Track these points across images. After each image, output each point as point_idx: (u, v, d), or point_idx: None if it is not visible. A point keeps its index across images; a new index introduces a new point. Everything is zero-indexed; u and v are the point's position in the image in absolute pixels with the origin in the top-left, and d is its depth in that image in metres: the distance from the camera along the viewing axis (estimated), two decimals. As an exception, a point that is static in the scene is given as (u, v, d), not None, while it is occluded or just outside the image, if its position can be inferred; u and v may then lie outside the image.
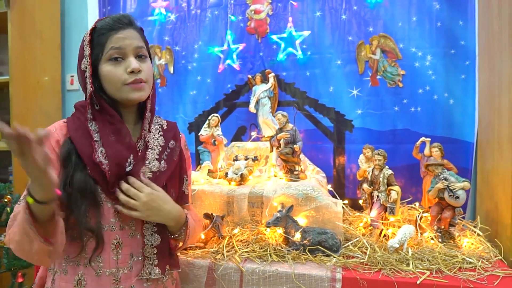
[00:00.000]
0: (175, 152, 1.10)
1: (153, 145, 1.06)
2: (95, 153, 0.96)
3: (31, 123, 2.19)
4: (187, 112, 2.26)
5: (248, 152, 1.89)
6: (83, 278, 0.96)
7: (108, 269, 0.97)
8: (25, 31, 2.18)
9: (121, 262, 0.99)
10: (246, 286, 1.22)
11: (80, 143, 0.97)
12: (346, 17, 1.95)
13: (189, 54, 2.23)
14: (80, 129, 1.00)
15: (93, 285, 0.96)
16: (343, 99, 1.97)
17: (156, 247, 1.02)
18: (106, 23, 1.00)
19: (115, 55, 0.99)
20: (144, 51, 1.04)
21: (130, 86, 0.99)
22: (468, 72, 1.80)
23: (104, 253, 0.97)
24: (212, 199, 1.54)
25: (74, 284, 0.96)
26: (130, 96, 1.00)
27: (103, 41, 0.99)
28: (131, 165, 0.99)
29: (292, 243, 1.34)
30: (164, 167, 1.05)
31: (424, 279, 1.13)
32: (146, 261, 1.01)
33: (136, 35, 1.02)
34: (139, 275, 1.00)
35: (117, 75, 0.99)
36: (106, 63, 0.99)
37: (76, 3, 2.44)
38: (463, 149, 1.81)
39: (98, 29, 1.00)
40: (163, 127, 1.13)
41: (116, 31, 0.99)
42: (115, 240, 0.98)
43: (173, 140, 1.11)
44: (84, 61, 1.01)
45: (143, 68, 1.01)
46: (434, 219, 1.40)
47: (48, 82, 2.31)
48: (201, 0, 2.19)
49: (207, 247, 1.37)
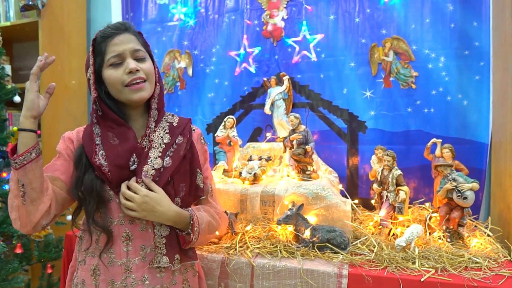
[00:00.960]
0: (181, 148, 1.14)
1: (157, 144, 1.11)
2: (95, 156, 1.05)
3: (59, 124, 2.34)
4: (205, 114, 2.34)
5: (262, 152, 1.95)
6: (98, 268, 1.06)
7: (119, 259, 1.06)
8: (54, 38, 2.32)
9: (131, 253, 1.06)
10: (256, 280, 1.29)
11: (87, 147, 1.07)
12: (359, 20, 1.98)
13: (207, 58, 2.31)
14: (88, 134, 1.10)
15: (106, 274, 1.06)
16: (357, 100, 2.00)
17: (165, 237, 1.09)
18: (103, 31, 1.08)
19: (115, 61, 1.06)
20: (142, 53, 1.10)
21: (129, 88, 1.07)
22: (483, 73, 1.80)
23: (115, 246, 1.06)
24: (227, 197, 1.61)
25: (91, 273, 1.06)
26: (131, 98, 1.08)
27: (102, 48, 1.07)
28: (135, 163, 1.07)
29: (302, 240, 1.39)
30: (169, 163, 1.09)
31: (429, 277, 1.16)
32: (156, 250, 1.08)
33: (132, 39, 1.09)
34: (149, 264, 1.07)
35: (117, 77, 1.06)
36: (107, 68, 1.07)
37: (101, 11, 2.58)
38: (477, 150, 1.81)
39: (98, 38, 1.09)
40: (173, 124, 1.17)
41: (112, 37, 1.07)
42: (125, 233, 1.07)
43: (181, 136, 1.15)
44: (89, 70, 1.09)
45: (142, 68, 1.08)
46: (443, 219, 1.42)
47: (75, 86, 2.45)
48: (219, 6, 2.27)
49: (221, 242, 1.44)
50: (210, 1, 2.29)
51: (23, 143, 0.96)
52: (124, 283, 1.05)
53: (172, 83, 2.39)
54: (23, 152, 0.95)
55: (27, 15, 2.31)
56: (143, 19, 2.45)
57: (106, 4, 2.54)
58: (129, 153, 1.07)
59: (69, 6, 2.42)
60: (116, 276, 1.06)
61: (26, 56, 2.66)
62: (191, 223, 1.10)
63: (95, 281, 1.06)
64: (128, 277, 1.06)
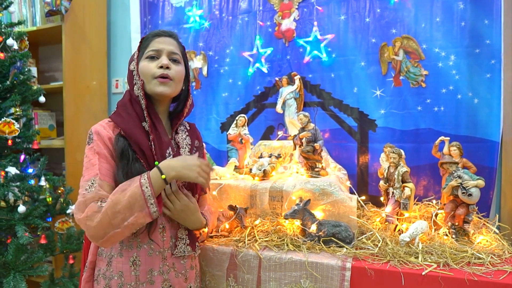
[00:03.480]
0: (200, 151, 1.28)
1: (183, 145, 1.23)
2: (151, 143, 1.14)
3: (81, 123, 2.45)
4: (219, 113, 2.41)
5: (274, 150, 2.01)
6: (138, 258, 1.14)
7: (158, 249, 1.16)
8: (76, 41, 2.44)
9: (166, 243, 1.17)
10: (263, 272, 1.34)
11: (137, 136, 1.13)
12: (369, 19, 2.00)
13: (221, 59, 2.37)
14: (134, 124, 1.15)
15: (146, 264, 1.15)
16: (367, 99, 2.03)
17: (187, 229, 1.22)
18: (153, 31, 1.22)
19: (152, 54, 1.18)
20: (178, 57, 1.21)
21: (157, 79, 1.17)
22: (494, 71, 1.79)
23: (155, 236, 1.15)
24: (237, 193, 1.67)
25: (130, 265, 1.14)
26: (156, 89, 1.17)
27: (146, 44, 1.20)
28: (171, 156, 1.18)
29: (308, 234, 1.43)
30: None
31: (430, 271, 1.19)
32: (179, 241, 1.20)
33: (173, 43, 1.22)
34: (174, 253, 1.18)
35: (150, 68, 1.17)
36: (144, 60, 1.19)
37: (120, 14, 2.68)
38: (488, 148, 1.80)
39: (146, 36, 1.23)
40: (187, 127, 1.31)
41: (158, 36, 1.20)
42: (161, 225, 1.17)
43: (197, 140, 1.29)
44: (133, 63, 1.21)
45: (173, 68, 1.19)
46: (448, 215, 1.44)
47: (96, 86, 2.57)
48: (232, 8, 2.33)
49: (231, 235, 1.50)
50: (224, 3, 2.35)
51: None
52: (161, 270, 1.16)
53: (188, 83, 2.46)
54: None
55: (52, 20, 2.44)
56: (160, 21, 2.53)
57: (125, 8, 2.64)
58: (167, 147, 1.18)
59: (90, 11, 2.54)
60: (155, 265, 1.15)
61: (51, 58, 2.79)
62: (205, 228, 1.28)
63: (135, 272, 1.14)
64: (164, 265, 1.16)
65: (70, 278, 2.05)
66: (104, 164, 1.11)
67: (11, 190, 1.75)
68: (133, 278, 1.13)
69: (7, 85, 1.85)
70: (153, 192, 1.05)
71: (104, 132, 1.14)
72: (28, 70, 1.99)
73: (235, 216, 1.53)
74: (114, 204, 1.03)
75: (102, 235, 1.04)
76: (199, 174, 1.11)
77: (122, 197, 1.03)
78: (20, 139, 1.91)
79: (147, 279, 1.14)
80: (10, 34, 1.86)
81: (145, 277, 1.14)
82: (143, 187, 1.04)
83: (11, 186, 1.77)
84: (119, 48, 2.70)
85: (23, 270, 1.68)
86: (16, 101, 1.82)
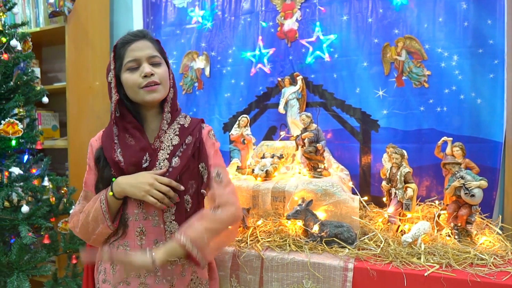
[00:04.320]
0: (190, 147, 1.20)
1: (165, 145, 1.19)
2: (114, 153, 1.16)
3: (84, 122, 2.46)
4: (222, 113, 2.41)
5: (276, 150, 2.00)
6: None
7: (134, 252, 1.13)
8: (79, 42, 2.45)
9: (144, 247, 1.14)
10: (266, 272, 1.35)
11: (105, 146, 1.19)
12: (372, 20, 2.00)
13: (224, 59, 2.38)
14: (108, 134, 1.21)
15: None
16: (369, 99, 2.03)
17: (174, 234, 1.14)
18: (123, 38, 1.18)
19: (131, 66, 1.16)
20: (158, 59, 1.19)
21: (144, 89, 1.16)
22: (497, 71, 1.79)
23: (130, 239, 1.16)
24: (239, 193, 1.67)
25: (111, 263, 1.18)
26: (145, 98, 1.17)
27: (122, 54, 1.17)
28: (147, 162, 1.16)
29: (311, 234, 1.44)
30: (177, 163, 1.17)
31: (433, 272, 1.19)
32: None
33: (149, 45, 1.18)
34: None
35: (133, 80, 1.15)
36: (125, 72, 1.17)
37: (123, 15, 2.69)
38: (491, 149, 1.80)
39: (118, 44, 1.19)
40: (184, 125, 1.24)
41: (130, 43, 1.16)
42: (139, 229, 1.16)
43: (191, 136, 1.22)
44: (110, 74, 1.19)
45: (157, 72, 1.17)
46: (451, 216, 1.44)
47: (98, 86, 2.57)
48: (235, 8, 2.34)
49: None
50: (227, 4, 2.35)
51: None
52: (137, 274, 1.15)
53: (190, 83, 2.47)
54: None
55: (55, 21, 2.44)
56: (162, 22, 2.54)
57: (128, 9, 2.65)
58: (142, 152, 1.16)
59: (93, 12, 2.55)
60: None
61: (54, 59, 2.80)
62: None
63: (113, 270, 1.18)
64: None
65: (73, 278, 2.06)
66: (91, 175, 1.23)
67: (14, 190, 1.76)
68: (111, 276, 1.18)
69: (10, 86, 1.86)
70: (107, 208, 1.13)
71: (95, 143, 1.25)
72: (32, 71, 2.00)
73: (237, 217, 1.53)
74: (86, 215, 1.17)
75: (87, 239, 1.21)
76: (147, 192, 1.10)
77: (91, 210, 1.15)
78: (24, 140, 1.91)
79: (123, 279, 1.16)
80: (13, 35, 1.87)
81: (121, 277, 1.17)
82: (101, 203, 1.14)
83: (14, 186, 1.78)
84: (122, 49, 2.70)
85: (27, 270, 1.69)
86: (19, 102, 1.82)
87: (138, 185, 1.11)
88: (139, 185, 1.11)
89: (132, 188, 1.11)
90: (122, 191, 1.12)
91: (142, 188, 1.10)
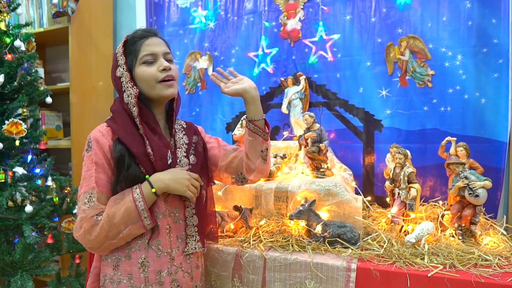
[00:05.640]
0: (199, 145, 1.28)
1: (180, 144, 1.23)
2: (146, 148, 1.14)
3: (87, 122, 2.46)
4: (225, 113, 2.41)
5: (279, 150, 2.00)
6: (146, 260, 1.14)
7: (165, 250, 1.16)
8: (83, 42, 2.45)
9: (173, 243, 1.18)
10: (268, 272, 1.34)
11: (130, 142, 1.13)
12: (375, 19, 1.99)
13: (227, 59, 2.38)
14: (126, 130, 1.15)
15: (155, 265, 1.14)
16: (373, 99, 2.02)
17: (197, 226, 1.22)
18: (136, 33, 1.19)
19: (148, 59, 1.16)
20: (171, 56, 1.22)
21: (162, 84, 1.16)
22: (501, 71, 1.77)
23: (161, 237, 1.16)
24: (242, 193, 1.67)
25: (139, 266, 1.13)
26: (163, 93, 1.17)
27: (136, 48, 1.16)
28: (170, 158, 1.18)
29: (314, 235, 1.43)
30: (194, 160, 1.24)
31: (436, 273, 1.18)
32: (189, 239, 1.20)
33: (163, 42, 1.21)
34: (185, 251, 1.19)
35: (151, 73, 1.15)
36: (140, 66, 1.16)
37: (126, 15, 2.70)
38: (495, 149, 1.78)
39: (130, 39, 1.18)
40: (184, 126, 1.30)
41: (145, 39, 1.17)
42: (168, 225, 1.17)
43: (195, 135, 1.28)
44: (119, 69, 1.17)
45: (172, 68, 1.18)
46: (455, 216, 1.43)
47: (101, 87, 2.58)
48: (238, 8, 2.33)
49: (236, 236, 1.50)
50: (230, 4, 2.35)
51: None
52: (169, 271, 1.16)
53: (193, 83, 2.47)
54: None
55: (59, 21, 2.45)
56: (165, 22, 2.54)
57: (131, 9, 2.65)
58: (166, 149, 1.18)
59: (97, 12, 2.56)
60: (163, 266, 1.15)
61: (57, 59, 2.81)
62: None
63: (144, 273, 1.13)
64: (172, 265, 1.17)
65: (76, 277, 2.07)
66: (101, 174, 1.12)
67: (18, 190, 1.77)
68: (143, 280, 1.13)
69: (14, 86, 1.87)
70: (146, 206, 1.10)
71: (103, 140, 1.14)
72: (35, 71, 2.01)
73: (240, 217, 1.54)
74: (109, 218, 1.07)
75: (99, 246, 1.11)
76: (188, 187, 1.15)
77: (117, 211, 1.08)
78: (27, 140, 1.92)
79: (156, 280, 1.14)
80: (17, 35, 1.88)
81: (154, 278, 1.14)
82: (137, 201, 1.09)
83: (18, 186, 1.79)
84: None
85: (30, 269, 1.70)
86: (23, 102, 1.83)
87: (180, 181, 1.14)
88: (181, 181, 1.14)
89: (176, 184, 1.13)
90: (165, 187, 1.12)
91: (183, 183, 1.14)
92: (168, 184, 1.12)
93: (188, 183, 1.15)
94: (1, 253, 1.68)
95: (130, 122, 1.16)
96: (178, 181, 1.14)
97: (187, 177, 1.16)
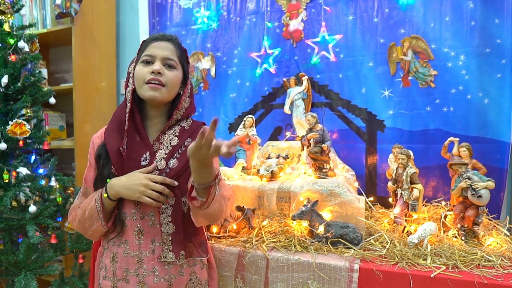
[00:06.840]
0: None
1: (164, 146, 1.20)
2: (123, 144, 1.16)
3: (90, 123, 2.47)
4: (227, 114, 2.41)
5: (281, 151, 2.00)
6: (116, 255, 1.19)
7: (132, 251, 1.17)
8: (86, 43, 2.46)
9: (143, 246, 1.17)
10: (271, 273, 1.34)
11: (110, 140, 1.18)
12: (377, 19, 1.99)
13: (229, 59, 2.38)
14: (117, 125, 1.20)
15: (122, 262, 1.18)
16: (375, 100, 2.02)
17: (171, 235, 1.17)
18: (153, 35, 1.22)
19: (146, 59, 1.18)
20: (174, 62, 1.20)
21: (147, 85, 1.16)
22: (504, 71, 1.77)
23: (129, 238, 1.17)
24: (245, 193, 1.67)
25: (110, 260, 1.20)
26: (146, 94, 1.17)
27: (143, 48, 1.21)
28: (147, 160, 1.17)
29: (316, 235, 1.43)
30: (175, 164, 1.17)
31: (439, 273, 1.18)
32: (164, 246, 1.17)
33: (171, 48, 1.20)
34: (158, 258, 1.17)
35: (142, 73, 1.17)
36: (138, 64, 1.20)
37: (129, 16, 2.71)
38: (498, 149, 1.78)
39: (146, 40, 1.23)
40: (184, 127, 1.25)
41: (156, 41, 1.20)
42: (137, 228, 1.17)
43: (190, 138, 1.23)
44: (131, 65, 1.23)
45: (166, 74, 1.17)
46: (457, 217, 1.43)
47: (105, 87, 2.59)
48: (240, 9, 2.34)
49: (238, 236, 1.51)
50: (232, 4, 2.36)
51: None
52: (136, 272, 1.17)
53: (196, 84, 2.47)
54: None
55: (62, 22, 2.46)
56: (168, 23, 2.55)
57: (134, 10, 2.66)
58: (144, 149, 1.18)
59: (99, 13, 2.57)
60: (130, 266, 1.17)
61: (61, 60, 2.82)
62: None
63: (113, 267, 1.19)
64: (140, 267, 1.17)
65: (79, 277, 2.07)
66: (91, 172, 1.24)
67: (22, 190, 1.78)
68: (112, 273, 1.19)
69: (18, 87, 1.88)
70: (102, 209, 1.14)
71: (97, 140, 1.24)
72: (39, 72, 2.01)
73: (242, 217, 1.54)
74: (82, 212, 1.19)
75: (84, 233, 1.24)
76: (143, 193, 1.11)
77: (88, 207, 1.17)
78: (31, 140, 1.93)
79: (123, 277, 1.18)
80: (21, 36, 1.89)
81: (121, 274, 1.18)
82: (96, 202, 1.15)
83: (22, 186, 1.80)
84: (127, 50, 2.72)
85: (34, 269, 1.70)
86: (27, 103, 1.84)
87: (132, 187, 1.11)
88: (133, 187, 1.11)
89: (127, 191, 1.12)
90: (116, 194, 1.14)
91: (136, 189, 1.11)
92: (118, 191, 1.13)
93: (143, 189, 1.10)
94: (5, 253, 1.69)
95: (120, 120, 1.20)
96: (130, 187, 1.11)
97: (143, 182, 1.10)
